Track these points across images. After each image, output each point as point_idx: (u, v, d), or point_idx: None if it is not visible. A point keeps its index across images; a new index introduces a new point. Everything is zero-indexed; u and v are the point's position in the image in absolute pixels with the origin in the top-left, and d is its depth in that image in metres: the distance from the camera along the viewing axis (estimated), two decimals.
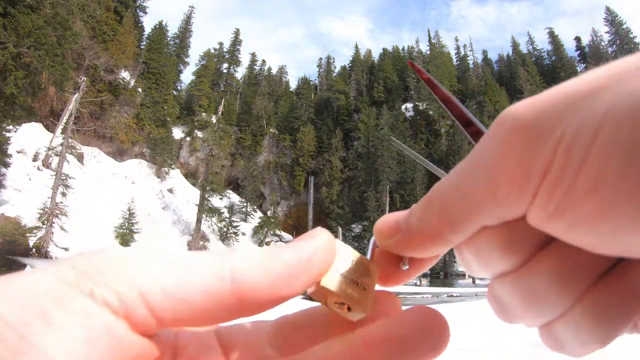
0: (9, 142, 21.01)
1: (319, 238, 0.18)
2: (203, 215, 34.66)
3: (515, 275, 0.19)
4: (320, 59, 62.09)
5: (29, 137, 28.06)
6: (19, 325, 0.13)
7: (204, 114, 44.21)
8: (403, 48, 61.77)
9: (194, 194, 38.49)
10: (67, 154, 25.18)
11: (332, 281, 0.18)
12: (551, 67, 52.14)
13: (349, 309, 0.17)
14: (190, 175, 42.84)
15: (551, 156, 0.15)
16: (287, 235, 41.92)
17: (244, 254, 0.17)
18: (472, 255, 0.20)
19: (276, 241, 40.07)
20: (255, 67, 57.81)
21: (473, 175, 0.17)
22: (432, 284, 26.71)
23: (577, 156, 0.14)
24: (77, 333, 0.13)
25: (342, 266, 0.19)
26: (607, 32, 42.59)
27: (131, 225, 30.39)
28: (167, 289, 0.15)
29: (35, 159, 28.15)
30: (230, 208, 39.22)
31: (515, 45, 58.21)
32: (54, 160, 27.26)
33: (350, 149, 48.77)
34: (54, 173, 24.55)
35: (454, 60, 58.30)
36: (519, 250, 0.18)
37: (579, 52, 50.52)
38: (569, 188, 0.15)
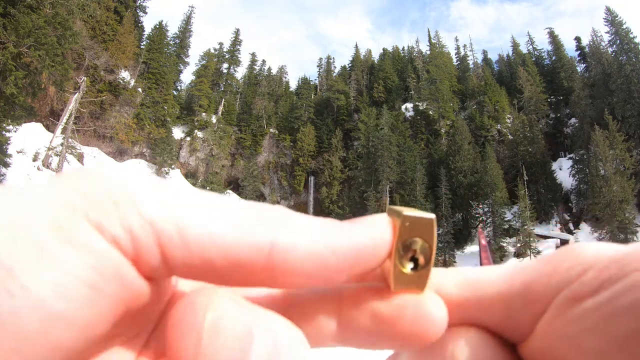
0: (9, 142, 21.01)
1: (378, 228, 0.15)
2: None
3: None
4: (320, 59, 62.15)
5: (29, 137, 28.04)
6: (6, 261, 0.09)
7: (204, 114, 44.21)
8: (403, 48, 61.84)
9: None
10: (67, 154, 25.18)
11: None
12: (551, 67, 52.10)
13: (415, 266, 0.15)
14: (190, 175, 42.83)
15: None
16: None
17: (294, 229, 0.15)
18: None
19: None
20: (255, 67, 57.81)
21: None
22: None
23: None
24: (80, 273, 0.10)
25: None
26: (607, 32, 42.51)
27: None
28: (188, 238, 0.12)
29: (35, 159, 28.13)
30: None
31: (515, 46, 58.22)
32: (54, 160, 27.26)
33: (350, 149, 48.76)
34: (54, 173, 24.49)
35: (454, 60, 58.28)
36: None
37: (579, 52, 50.46)
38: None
